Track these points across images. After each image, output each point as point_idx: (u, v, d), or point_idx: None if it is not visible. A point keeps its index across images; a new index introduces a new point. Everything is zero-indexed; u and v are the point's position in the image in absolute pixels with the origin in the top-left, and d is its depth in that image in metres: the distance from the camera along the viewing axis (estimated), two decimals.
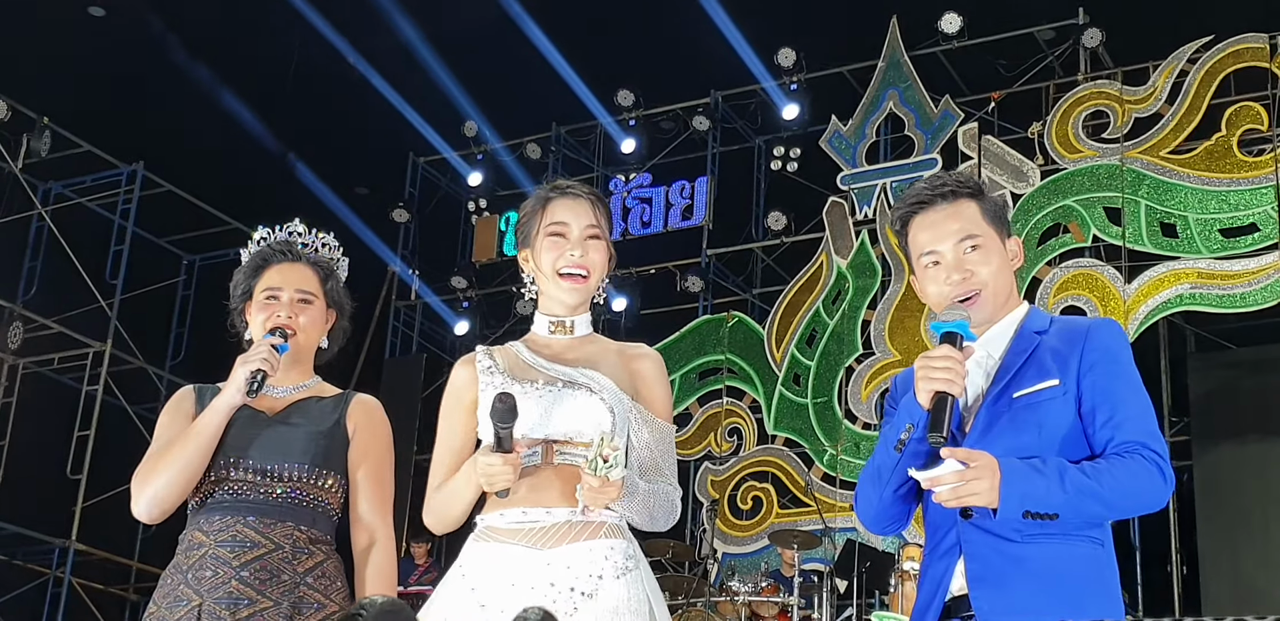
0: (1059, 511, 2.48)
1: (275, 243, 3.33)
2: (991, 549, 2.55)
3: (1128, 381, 2.60)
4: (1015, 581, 2.52)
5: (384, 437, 3.26)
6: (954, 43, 11.91)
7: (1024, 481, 2.46)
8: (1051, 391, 2.59)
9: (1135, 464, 2.53)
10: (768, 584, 9.02)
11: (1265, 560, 10.01)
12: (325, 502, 3.14)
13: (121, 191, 13.16)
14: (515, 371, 2.85)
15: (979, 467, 2.44)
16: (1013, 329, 2.71)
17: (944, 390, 2.49)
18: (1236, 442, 10.41)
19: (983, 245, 2.70)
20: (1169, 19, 11.33)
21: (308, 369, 3.29)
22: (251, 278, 3.27)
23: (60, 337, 12.50)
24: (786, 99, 12.64)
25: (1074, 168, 11.22)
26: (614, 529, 2.74)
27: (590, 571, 2.68)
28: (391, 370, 13.86)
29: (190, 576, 3.02)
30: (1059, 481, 2.47)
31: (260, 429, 3.13)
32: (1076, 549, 2.54)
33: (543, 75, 12.50)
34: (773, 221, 12.52)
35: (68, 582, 11.94)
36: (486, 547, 2.75)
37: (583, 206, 2.87)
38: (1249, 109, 10.79)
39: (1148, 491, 2.54)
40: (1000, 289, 2.69)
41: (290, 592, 3.01)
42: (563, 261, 2.83)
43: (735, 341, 12.09)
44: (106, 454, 11.84)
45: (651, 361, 2.89)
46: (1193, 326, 11.28)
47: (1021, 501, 2.45)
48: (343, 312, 3.34)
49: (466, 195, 14.08)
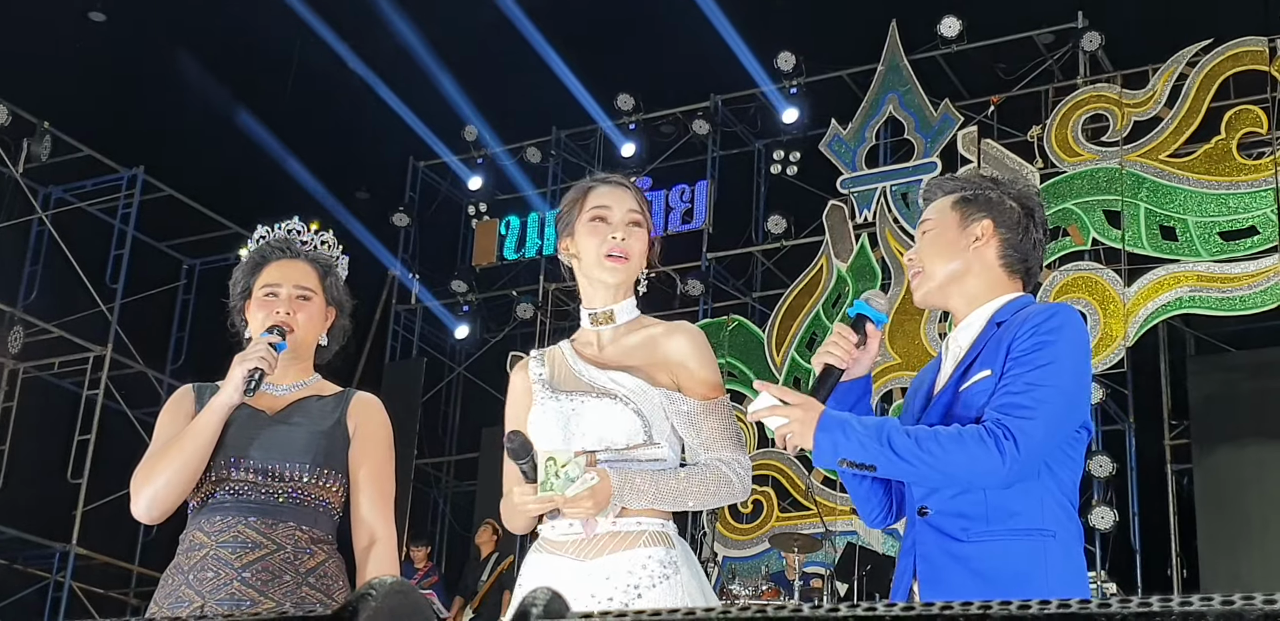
0: (876, 463, 2.50)
1: (274, 240, 3.32)
2: (939, 548, 2.57)
3: (1031, 359, 2.54)
4: (958, 580, 2.53)
5: (385, 436, 3.25)
6: (953, 46, 11.92)
7: (840, 429, 2.52)
8: (985, 382, 2.60)
9: (971, 434, 2.49)
10: (768, 587, 9.03)
11: (1265, 563, 10.01)
12: (327, 502, 3.13)
13: (122, 196, 13.17)
14: (559, 380, 2.88)
15: (794, 406, 2.55)
16: (984, 320, 2.72)
17: (830, 363, 2.66)
18: (1236, 446, 10.40)
19: (932, 228, 2.78)
20: (1168, 22, 11.34)
21: (308, 366, 3.27)
22: (250, 275, 3.26)
23: (60, 342, 12.50)
24: (786, 103, 12.65)
25: (1073, 171, 11.23)
26: (655, 536, 2.74)
27: (629, 582, 2.68)
28: (392, 374, 13.87)
29: (191, 577, 3.01)
30: (876, 436, 2.50)
31: (261, 428, 3.12)
32: (1019, 545, 2.53)
33: (542, 79, 12.51)
34: (773, 225, 12.52)
35: (68, 587, 11.94)
36: (540, 559, 2.79)
37: (624, 193, 2.90)
38: (1248, 112, 10.80)
39: (976, 462, 2.47)
40: (943, 271, 2.73)
41: (293, 593, 3.00)
42: (606, 245, 2.83)
43: (735, 345, 12.10)
44: (107, 458, 11.84)
45: (685, 337, 2.86)
46: (1192, 329, 11.28)
47: (834, 448, 2.51)
48: (342, 310, 3.33)
49: (466, 199, 14.09)
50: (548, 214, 13.55)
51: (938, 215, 2.79)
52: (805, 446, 2.54)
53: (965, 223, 2.75)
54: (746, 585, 9.02)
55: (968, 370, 2.64)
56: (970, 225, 2.75)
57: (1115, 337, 10.61)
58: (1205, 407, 10.65)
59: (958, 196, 2.80)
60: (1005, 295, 2.74)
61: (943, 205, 2.80)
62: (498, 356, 13.16)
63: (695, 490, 2.74)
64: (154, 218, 13.33)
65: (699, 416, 2.80)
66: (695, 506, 2.78)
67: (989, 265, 2.74)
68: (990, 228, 2.74)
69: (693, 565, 2.78)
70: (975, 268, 2.73)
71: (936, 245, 2.75)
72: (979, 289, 2.73)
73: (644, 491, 2.70)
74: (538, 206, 13.81)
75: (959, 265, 2.73)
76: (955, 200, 2.79)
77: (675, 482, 2.73)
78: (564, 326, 13.48)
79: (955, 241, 2.73)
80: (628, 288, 2.91)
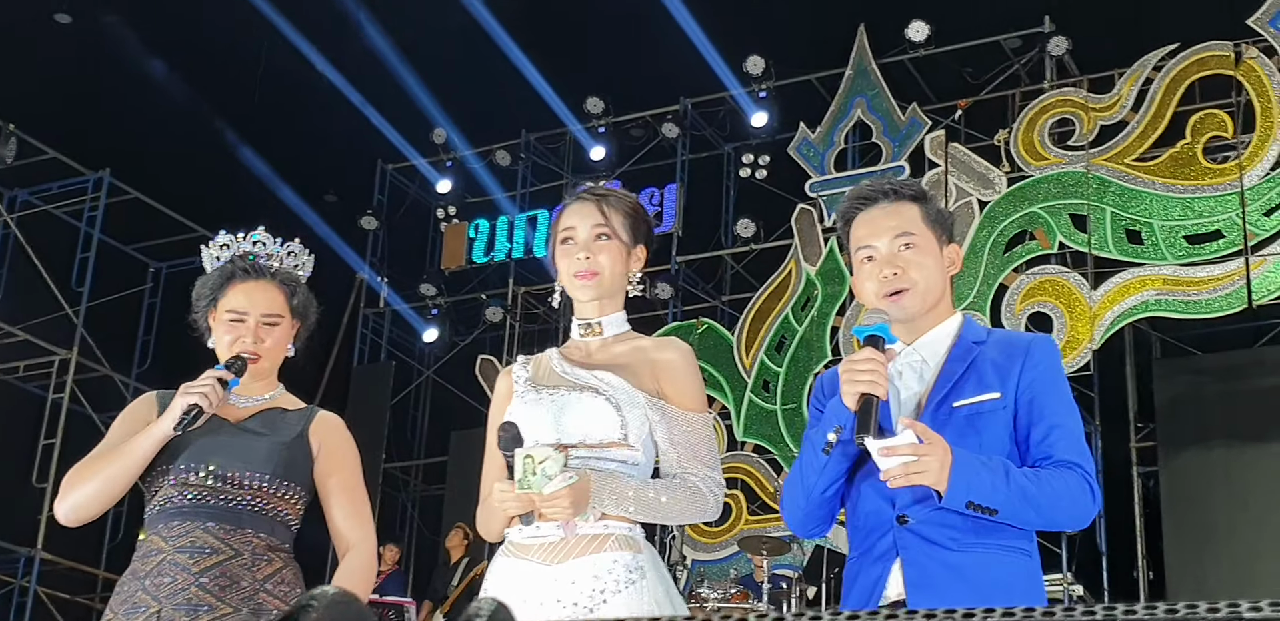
0: (1000, 507, 2.51)
1: (240, 258, 3.29)
2: (928, 556, 2.58)
3: (1064, 400, 2.68)
4: (953, 588, 2.54)
5: (352, 452, 3.26)
6: (921, 51, 11.96)
7: (973, 470, 2.50)
8: (992, 404, 2.64)
9: (1072, 479, 2.58)
10: (737, 590, 9.03)
11: (1231, 565, 10.07)
12: (284, 512, 3.13)
13: (88, 198, 13.09)
14: (540, 379, 2.90)
15: (934, 445, 2.47)
16: (950, 337, 2.74)
17: (869, 392, 2.52)
18: (1202, 448, 10.46)
19: (917, 244, 2.74)
20: (1134, 27, 11.41)
21: (272, 380, 3.28)
22: (216, 289, 3.24)
23: (26, 345, 12.42)
24: (755, 106, 12.67)
25: (1040, 175, 11.28)
26: (622, 540, 2.75)
27: (594, 586, 2.69)
28: (360, 377, 13.82)
29: (148, 582, 2.99)
30: (1004, 478, 2.52)
31: (223, 436, 3.12)
32: (1010, 559, 2.58)
33: (512, 82, 12.49)
34: (742, 228, 12.54)
35: (33, 592, 11.86)
36: (508, 562, 2.79)
37: (588, 208, 2.93)
38: (1214, 116, 10.86)
39: (1079, 506, 2.58)
40: (930, 289, 2.73)
41: (250, 599, 2.99)
42: (573, 266, 2.90)
43: (705, 348, 12.10)
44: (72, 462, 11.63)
45: (676, 353, 2.90)
46: (1158, 332, 11.34)
47: (968, 490, 2.49)
48: (307, 320, 3.32)
49: (435, 202, 14.06)
50: (517, 217, 13.54)
51: (915, 228, 2.76)
52: (934, 486, 2.49)
53: (940, 243, 2.78)
54: (715, 588, 9.02)
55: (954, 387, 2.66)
56: (945, 248, 2.78)
57: (1081, 341, 10.66)
58: (1171, 410, 10.70)
59: (923, 209, 2.79)
60: (956, 314, 2.80)
61: (911, 215, 2.78)
62: (467, 360, 13.14)
63: (673, 504, 2.76)
64: (120, 221, 13.25)
65: (680, 427, 2.82)
66: (668, 520, 2.79)
67: (947, 289, 2.81)
68: (958, 253, 2.83)
69: (659, 569, 2.78)
70: (947, 289, 2.80)
71: (927, 264, 2.74)
72: (942, 308, 2.79)
73: (625, 497, 2.71)
74: (507, 209, 13.79)
75: (943, 288, 2.78)
76: (924, 214, 2.79)
77: (655, 494, 2.74)
78: (533, 330, 13.48)
79: (939, 263, 2.77)
80: (614, 300, 2.96)
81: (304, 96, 12.64)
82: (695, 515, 2.80)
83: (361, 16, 12.11)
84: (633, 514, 2.73)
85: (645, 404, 2.81)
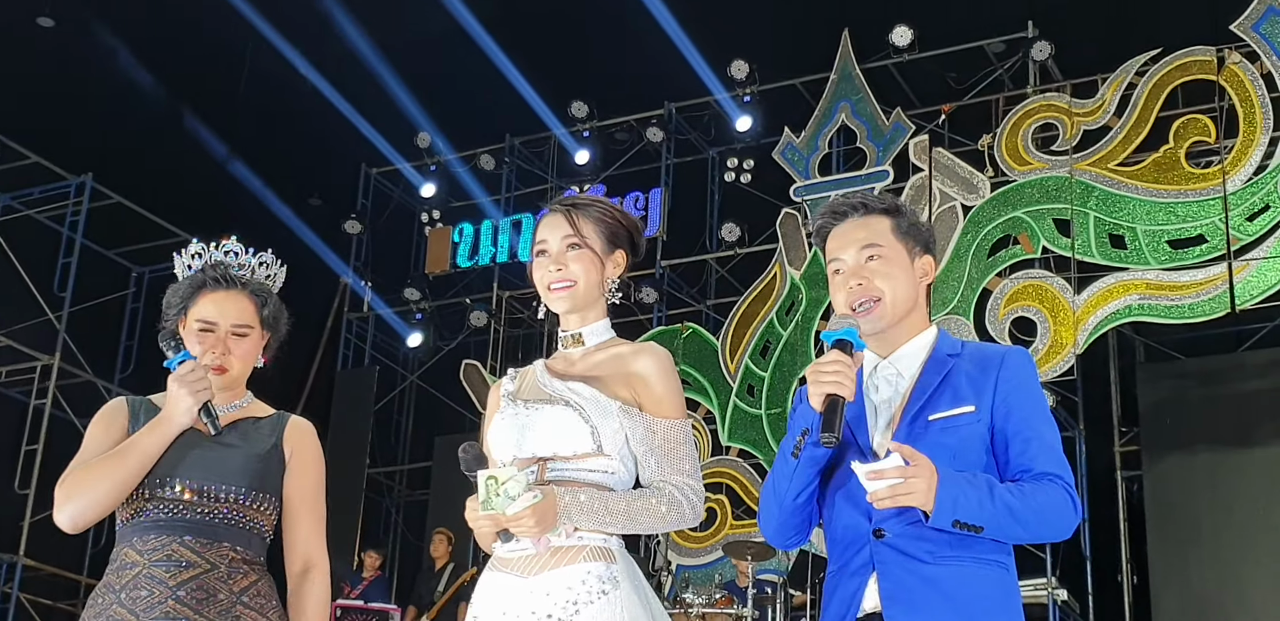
0: (985, 525, 2.52)
1: (211, 268, 3.25)
2: (904, 569, 2.58)
3: (1040, 412, 2.67)
4: (928, 602, 2.55)
5: (319, 462, 3.25)
6: (905, 55, 11.98)
7: (958, 489, 2.50)
8: (968, 417, 2.64)
9: (1054, 491, 2.58)
10: (722, 595, 9.02)
11: (1215, 569, 10.09)
12: (260, 524, 3.12)
13: (70, 203, 13.04)
14: (522, 392, 2.91)
15: (920, 466, 2.48)
16: (925, 350, 2.74)
17: (834, 392, 2.54)
18: (1186, 452, 10.49)
19: (884, 256, 2.75)
20: (1117, 32, 11.44)
21: (241, 389, 3.25)
22: (187, 298, 3.21)
23: (8, 351, 12.37)
24: (740, 111, 12.68)
25: (1023, 179, 11.30)
26: (595, 551, 2.74)
27: (567, 598, 2.69)
28: (344, 382, 13.79)
29: (124, 596, 2.96)
30: (989, 495, 2.52)
31: (197, 448, 3.09)
32: (986, 572, 2.59)
33: (496, 86, 12.49)
34: (726, 233, 12.54)
35: (15, 598, 11.81)
36: (490, 576, 2.80)
37: (557, 220, 2.93)
38: (1196, 121, 10.89)
39: (1063, 518, 2.59)
40: (899, 301, 2.73)
41: (227, 612, 2.97)
42: (546, 278, 2.91)
43: (690, 353, 12.10)
44: (54, 468, 11.68)
45: (650, 358, 2.87)
46: (1142, 337, 11.37)
47: (954, 509, 2.49)
48: (278, 332, 3.29)
49: (419, 206, 14.04)
50: (501, 221, 13.53)
51: (883, 240, 2.76)
52: (921, 507, 2.50)
53: (912, 255, 2.77)
54: (700, 593, 9.01)
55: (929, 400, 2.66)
56: (916, 260, 2.77)
57: (1065, 345, 10.68)
58: (1155, 414, 10.73)
59: (894, 222, 2.79)
60: (930, 327, 2.80)
61: (881, 227, 2.78)
62: (451, 365, 13.12)
63: (645, 512, 2.75)
64: (102, 225, 13.20)
65: (656, 434, 2.81)
66: (645, 530, 2.78)
67: (923, 300, 2.80)
68: (932, 265, 2.81)
69: (635, 579, 2.77)
70: (919, 301, 2.79)
71: (894, 276, 2.74)
72: (917, 320, 2.78)
73: (592, 510, 2.70)
74: (491, 214, 13.77)
75: (914, 299, 2.77)
76: (894, 226, 2.78)
77: (624, 504, 2.74)
78: (517, 334, 13.46)
79: (910, 275, 2.76)
80: (594, 309, 2.95)
81: (288, 100, 12.61)
82: (673, 523, 2.79)
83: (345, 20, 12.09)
84: (607, 526, 2.73)
85: (618, 412, 2.80)
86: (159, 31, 12.12)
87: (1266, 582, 9.90)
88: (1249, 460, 10.25)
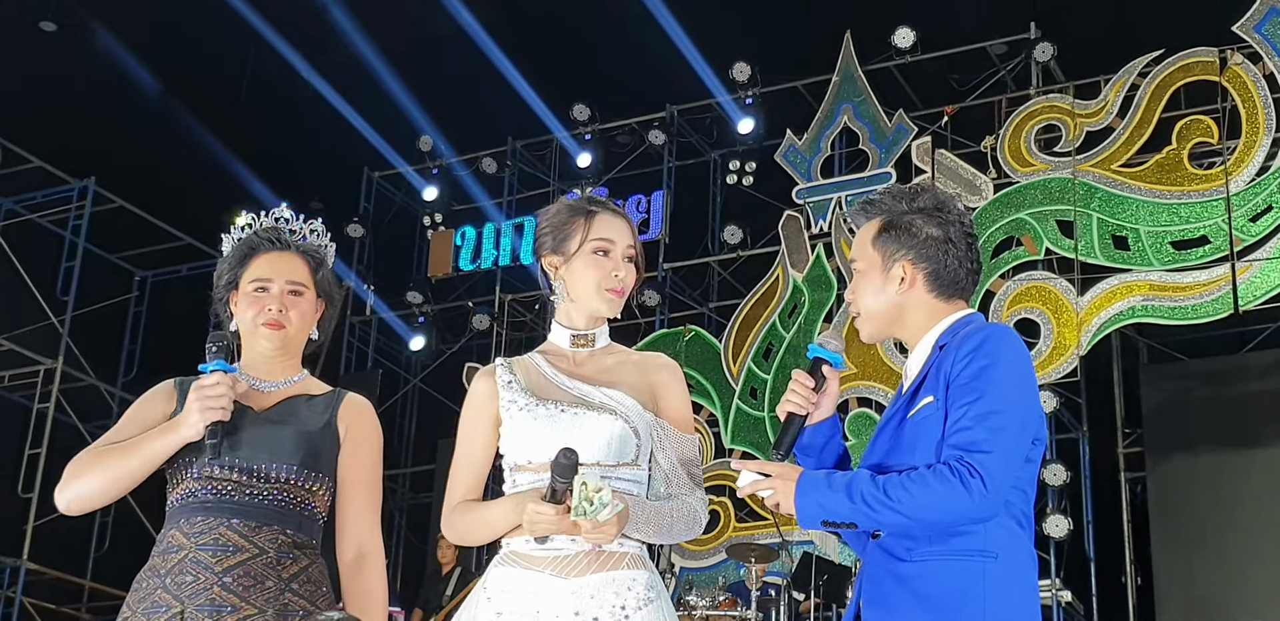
0: (853, 520, 2.55)
1: (263, 230, 3.20)
2: (883, 568, 2.60)
3: (975, 386, 2.56)
4: (898, 600, 2.55)
5: (376, 442, 3.16)
6: (907, 57, 11.97)
7: (816, 492, 2.56)
8: (928, 408, 2.63)
9: (936, 475, 2.51)
10: (725, 598, 9.01)
11: (1219, 570, 10.07)
12: (312, 506, 3.03)
13: (73, 207, 13.04)
14: (536, 388, 2.86)
15: (776, 478, 2.60)
16: (928, 349, 2.75)
17: (793, 411, 2.69)
18: (1189, 453, 10.47)
19: (860, 270, 2.79)
20: (1120, 33, 11.43)
21: (296, 362, 3.18)
22: (238, 266, 3.13)
23: (10, 355, 12.37)
24: (742, 113, 12.67)
25: (1026, 181, 11.29)
26: (636, 559, 2.76)
27: (614, 602, 2.69)
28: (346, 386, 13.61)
29: (169, 581, 2.89)
30: (846, 492, 2.54)
31: (248, 426, 3.00)
32: (958, 565, 2.54)
33: (498, 89, 12.48)
34: (729, 235, 12.53)
35: (19, 602, 11.80)
36: (513, 573, 2.76)
37: (624, 226, 2.92)
38: (1199, 122, 10.88)
39: (943, 502, 2.49)
40: (872, 314, 2.77)
41: (275, 599, 2.90)
42: (608, 281, 2.86)
43: (692, 355, 12.09)
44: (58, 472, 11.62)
45: (670, 372, 2.91)
46: (1145, 338, 11.36)
47: (818, 510, 2.55)
48: (332, 302, 3.24)
49: (422, 210, 14.03)
50: (504, 224, 13.52)
51: (861, 253, 2.79)
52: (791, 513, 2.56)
53: (886, 264, 2.75)
54: (704, 595, 9.00)
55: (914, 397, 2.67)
56: (891, 268, 2.74)
57: (1068, 347, 10.67)
58: (1158, 416, 10.72)
59: (876, 227, 2.79)
60: (948, 317, 2.75)
61: (864, 238, 2.80)
62: (454, 368, 13.10)
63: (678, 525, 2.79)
64: (105, 229, 13.20)
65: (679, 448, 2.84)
66: (665, 541, 2.81)
67: (922, 300, 2.76)
68: (910, 268, 2.74)
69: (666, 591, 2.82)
70: (910, 305, 2.76)
71: (867, 290, 2.77)
72: (920, 320, 2.76)
73: (648, 521, 2.73)
74: (494, 217, 13.77)
75: (894, 308, 2.76)
76: (874, 234, 2.78)
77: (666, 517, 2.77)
78: (520, 337, 13.45)
79: (883, 286, 2.75)
80: None
81: (289, 104, 12.61)
82: (687, 535, 2.84)
83: (347, 23, 12.09)
84: (649, 536, 2.77)
85: (653, 423, 2.83)
86: (161, 35, 12.12)
87: (1271, 583, 9.89)
88: (1253, 461, 10.24)
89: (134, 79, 12.28)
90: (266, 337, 3.09)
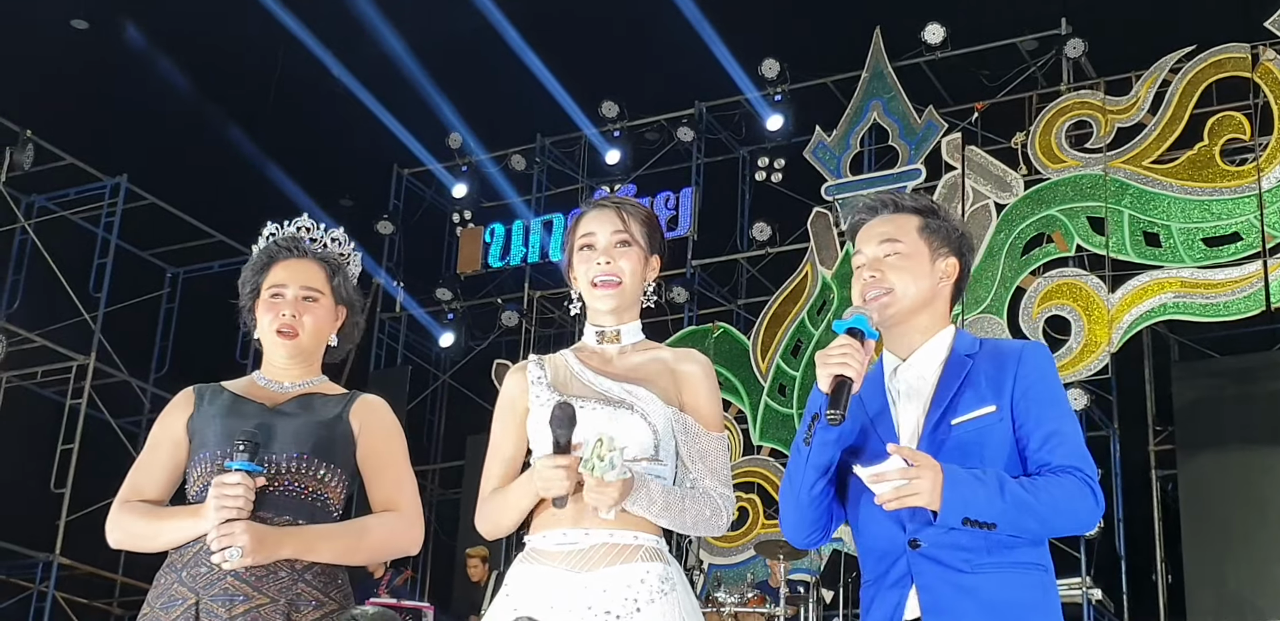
0: (997, 521, 2.52)
1: (281, 239, 3.25)
2: (943, 580, 2.58)
3: (1058, 405, 2.66)
4: (968, 612, 2.54)
5: (394, 431, 3.19)
6: (937, 53, 11.94)
7: (966, 487, 2.50)
8: (990, 417, 2.63)
9: (1070, 483, 2.57)
10: (754, 595, 9.02)
11: (1250, 568, 10.02)
12: (323, 496, 3.04)
13: (105, 204, 13.12)
14: (562, 385, 2.86)
15: (922, 466, 2.49)
16: (943, 352, 2.74)
17: (842, 374, 2.56)
18: (1220, 451, 10.42)
19: (902, 252, 2.76)
20: (1151, 29, 11.37)
21: (314, 367, 3.20)
22: (258, 274, 3.19)
23: (43, 351, 12.45)
24: (770, 110, 12.66)
25: (1057, 177, 11.25)
26: (651, 552, 2.75)
27: (626, 595, 2.68)
28: (377, 382, 13.82)
29: (184, 574, 2.95)
30: (999, 491, 2.51)
31: (256, 419, 3.04)
32: (1025, 577, 2.58)
33: (527, 86, 12.50)
34: (757, 232, 12.53)
35: (51, 597, 11.88)
36: (530, 569, 2.78)
37: (608, 215, 2.91)
38: (1231, 118, 10.83)
39: (1080, 510, 2.58)
40: (908, 296, 2.73)
41: (288, 589, 2.93)
42: (592, 271, 2.88)
43: (721, 352, 12.09)
44: (90, 467, 11.79)
45: (699, 367, 2.89)
46: (1176, 335, 11.31)
47: (963, 507, 2.50)
48: (353, 309, 3.26)
49: (451, 207, 14.07)
50: (532, 221, 13.55)
51: (905, 237, 2.77)
52: (928, 506, 2.50)
53: (934, 255, 2.77)
54: (732, 592, 9.01)
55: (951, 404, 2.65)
56: (938, 261, 2.77)
57: (1099, 344, 10.62)
58: (1189, 413, 10.66)
59: (922, 221, 2.80)
60: (948, 327, 2.79)
61: (907, 225, 2.79)
62: (483, 364, 13.14)
63: (694, 512, 2.77)
64: (137, 226, 13.27)
65: (702, 443, 2.83)
66: (685, 529, 2.79)
67: (944, 300, 2.79)
68: (955, 267, 2.80)
69: (686, 583, 2.80)
70: (938, 299, 2.78)
71: (910, 271, 2.74)
72: (932, 321, 2.77)
73: (654, 500, 2.71)
74: (522, 214, 13.80)
75: (929, 296, 2.76)
76: (921, 225, 2.79)
77: (680, 501, 2.75)
78: (549, 334, 13.48)
79: (928, 273, 2.75)
80: (632, 309, 2.95)
81: (320, 101, 12.66)
82: (707, 529, 2.81)
83: (377, 21, 12.12)
84: (654, 517, 2.73)
85: (674, 418, 2.82)
86: (192, 32, 12.17)
87: None
88: None
89: (165, 76, 12.34)
90: (279, 345, 3.15)
